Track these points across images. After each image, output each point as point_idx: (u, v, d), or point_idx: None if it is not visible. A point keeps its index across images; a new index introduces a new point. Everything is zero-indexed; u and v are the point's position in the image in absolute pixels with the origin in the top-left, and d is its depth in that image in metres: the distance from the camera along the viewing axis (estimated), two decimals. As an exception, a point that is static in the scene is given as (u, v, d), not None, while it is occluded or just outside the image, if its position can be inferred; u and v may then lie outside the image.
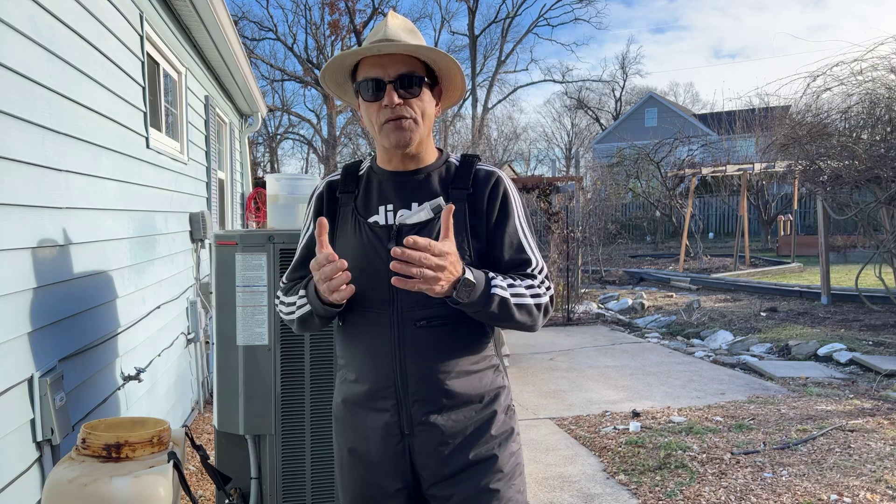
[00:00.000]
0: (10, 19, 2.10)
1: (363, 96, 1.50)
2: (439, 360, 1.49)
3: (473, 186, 1.54)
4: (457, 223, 1.49)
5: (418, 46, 1.46)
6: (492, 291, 1.40)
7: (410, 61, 1.48)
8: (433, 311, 1.46)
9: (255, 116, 9.22)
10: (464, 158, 1.61)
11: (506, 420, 1.57)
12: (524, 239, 1.55)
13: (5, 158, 2.06)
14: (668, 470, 3.67)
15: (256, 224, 4.98)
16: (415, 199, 1.53)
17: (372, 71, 1.48)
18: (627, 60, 53.39)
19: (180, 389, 4.47)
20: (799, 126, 8.87)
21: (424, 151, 1.56)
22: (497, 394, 1.56)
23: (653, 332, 8.38)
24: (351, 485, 1.59)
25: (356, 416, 1.56)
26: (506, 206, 1.55)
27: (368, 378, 1.52)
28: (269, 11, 61.09)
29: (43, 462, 2.21)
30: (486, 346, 1.56)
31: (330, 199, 1.61)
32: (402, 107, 1.47)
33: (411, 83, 1.47)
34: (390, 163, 1.57)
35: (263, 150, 32.46)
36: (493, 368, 1.58)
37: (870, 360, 6.01)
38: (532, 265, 1.53)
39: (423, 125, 1.51)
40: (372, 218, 1.53)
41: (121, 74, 3.40)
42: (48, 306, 2.32)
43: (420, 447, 1.51)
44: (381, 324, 1.48)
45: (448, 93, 1.61)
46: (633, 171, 22.01)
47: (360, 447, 1.56)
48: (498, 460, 1.52)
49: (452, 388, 1.49)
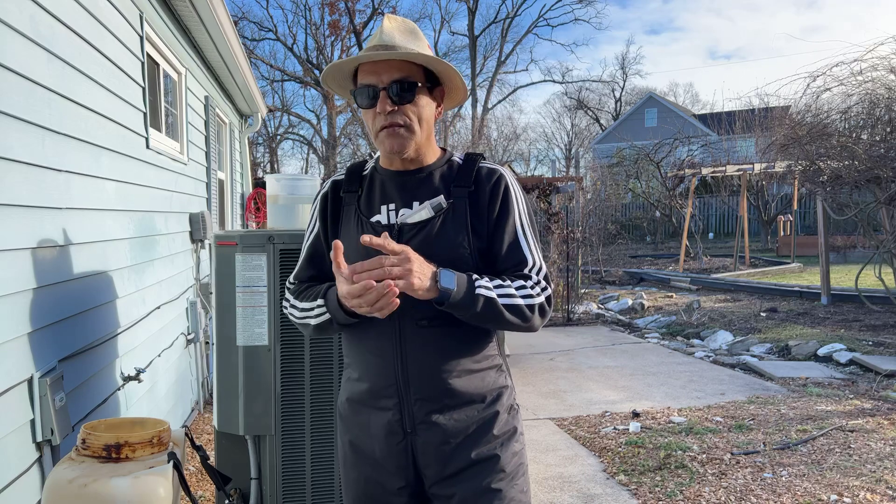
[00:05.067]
0: (10, 19, 2.10)
1: (359, 103, 1.51)
2: (441, 359, 1.49)
3: (475, 184, 1.54)
4: (458, 222, 1.49)
5: (410, 53, 1.45)
6: (476, 292, 1.39)
7: (406, 66, 1.47)
8: (434, 310, 1.45)
9: (255, 117, 9.22)
10: (467, 157, 1.60)
11: (508, 420, 1.56)
12: (522, 238, 1.54)
13: (5, 159, 2.06)
14: (668, 470, 3.67)
15: (256, 224, 4.99)
16: (416, 197, 1.53)
17: (367, 77, 1.48)
18: (627, 61, 53.51)
19: (180, 390, 4.47)
20: (799, 126, 8.86)
21: (424, 154, 1.56)
22: (499, 393, 1.56)
23: (653, 332, 8.38)
24: (354, 482, 1.59)
25: (360, 415, 1.57)
26: (506, 203, 1.53)
27: (371, 377, 1.53)
28: (269, 12, 61.16)
29: (43, 462, 2.21)
30: (489, 346, 1.56)
31: (334, 199, 1.62)
32: (395, 113, 1.46)
33: (404, 89, 1.46)
34: (392, 164, 1.58)
35: (263, 150, 32.48)
36: (496, 368, 1.57)
37: (870, 361, 6.01)
38: (528, 265, 1.52)
39: (420, 131, 1.50)
40: (374, 217, 1.54)
41: (121, 75, 3.40)
42: (48, 306, 2.32)
43: (422, 446, 1.51)
44: (383, 323, 1.47)
45: (451, 94, 1.61)
46: (633, 172, 22.02)
47: (363, 445, 1.56)
48: (500, 460, 1.51)
49: (454, 387, 1.50)
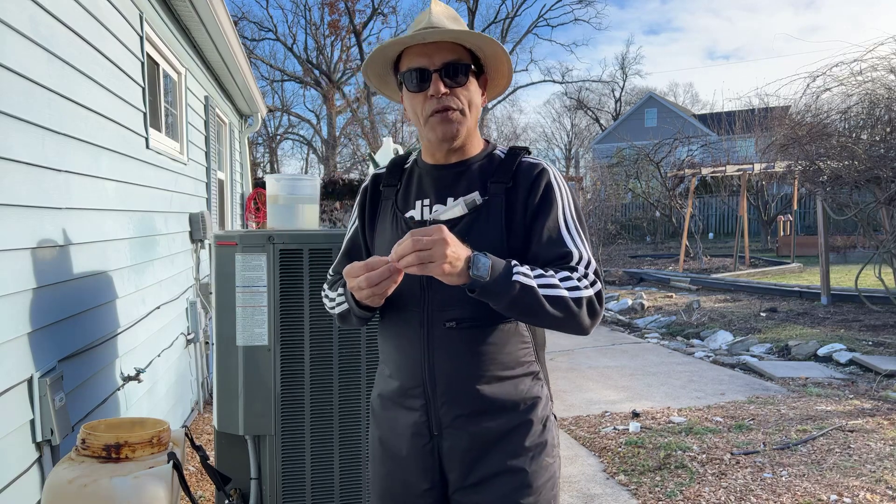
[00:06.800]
0: (10, 19, 2.10)
1: (407, 87, 1.44)
2: (469, 363, 1.43)
3: (514, 180, 1.46)
4: (493, 220, 1.42)
5: (465, 32, 1.40)
6: (514, 278, 1.27)
7: (456, 49, 1.42)
8: (463, 311, 1.40)
9: (255, 117, 9.23)
10: (510, 151, 1.52)
11: (542, 432, 1.48)
12: (566, 231, 1.43)
13: (5, 159, 2.06)
14: (668, 470, 3.67)
15: (256, 224, 4.99)
16: (451, 193, 1.48)
17: (416, 60, 1.42)
18: (627, 61, 53.49)
19: (180, 390, 4.47)
20: (798, 126, 8.87)
21: (469, 144, 1.50)
22: (534, 403, 1.48)
23: (653, 332, 8.38)
24: (381, 478, 1.57)
25: (389, 411, 1.54)
26: (548, 198, 1.44)
27: (400, 375, 1.50)
28: (268, 12, 61.19)
29: (42, 462, 2.21)
30: (523, 352, 1.48)
31: (374, 193, 1.59)
32: (448, 97, 1.40)
33: (457, 71, 1.41)
34: (433, 156, 1.52)
35: (263, 150, 32.52)
36: (532, 376, 1.49)
37: (870, 361, 6.01)
38: (574, 258, 1.40)
39: (469, 116, 1.45)
40: (409, 213, 1.50)
41: (121, 75, 3.40)
42: (48, 306, 2.32)
43: (448, 450, 1.46)
44: (412, 322, 1.45)
45: (493, 81, 1.55)
46: (633, 172, 22.01)
47: (391, 442, 1.54)
48: (528, 475, 1.44)
49: (483, 392, 1.43)
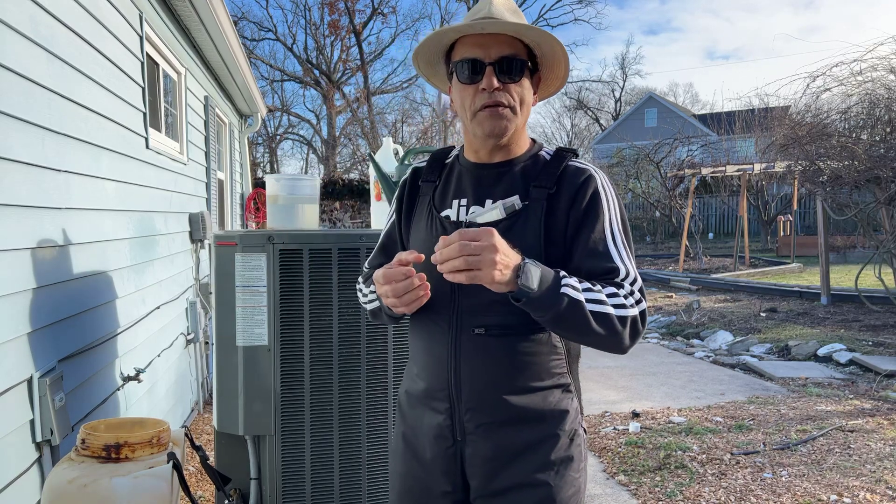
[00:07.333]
0: (10, 19, 2.10)
1: (459, 77, 1.38)
2: (496, 371, 1.38)
3: (558, 185, 1.38)
4: (531, 227, 1.35)
5: (525, 26, 1.34)
6: (562, 290, 1.23)
7: (513, 43, 1.36)
8: (493, 319, 1.36)
9: (255, 117, 9.23)
10: (557, 152, 1.45)
11: (569, 446, 1.42)
12: (612, 245, 1.36)
13: (5, 159, 2.06)
14: (668, 470, 3.67)
15: (256, 224, 5.00)
16: (490, 195, 1.41)
17: (471, 51, 1.36)
18: (627, 61, 53.45)
19: (180, 390, 4.47)
20: (798, 126, 8.87)
21: (516, 143, 1.44)
22: (562, 417, 1.42)
23: (653, 332, 8.38)
24: (401, 476, 1.54)
25: (415, 410, 1.51)
26: (594, 207, 1.37)
27: (427, 376, 1.47)
28: (268, 12, 61.00)
29: (42, 463, 2.21)
30: (554, 363, 1.42)
31: (412, 187, 1.53)
32: (500, 92, 1.35)
33: (513, 67, 1.35)
34: (476, 154, 1.46)
35: (263, 150, 32.50)
36: (562, 388, 1.44)
37: (869, 361, 6.01)
38: (620, 275, 1.34)
39: (520, 114, 1.39)
40: (445, 212, 1.44)
41: (120, 75, 3.40)
42: (48, 306, 2.32)
43: (471, 456, 1.42)
44: (441, 325, 1.41)
45: (546, 81, 1.49)
46: (633, 172, 22.02)
47: (414, 441, 1.51)
48: (551, 489, 1.39)
49: (509, 402, 1.39)
